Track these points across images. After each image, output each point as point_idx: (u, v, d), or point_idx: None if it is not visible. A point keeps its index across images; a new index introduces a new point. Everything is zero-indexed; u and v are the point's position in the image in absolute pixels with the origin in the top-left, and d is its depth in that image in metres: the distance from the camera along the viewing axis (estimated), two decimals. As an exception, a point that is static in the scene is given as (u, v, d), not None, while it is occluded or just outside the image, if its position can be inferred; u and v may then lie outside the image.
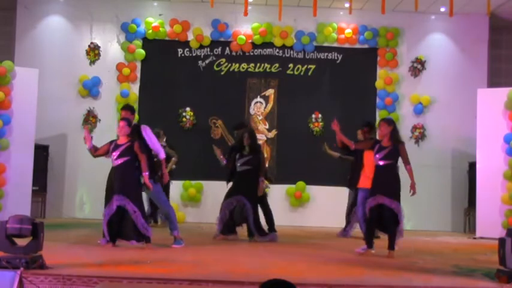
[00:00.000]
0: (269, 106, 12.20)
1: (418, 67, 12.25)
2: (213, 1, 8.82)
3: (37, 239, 5.28)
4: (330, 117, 11.35)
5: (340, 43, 12.25)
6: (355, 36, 12.19)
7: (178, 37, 12.09)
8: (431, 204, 11.72)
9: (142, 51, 11.97)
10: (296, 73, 12.23)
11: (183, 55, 12.15)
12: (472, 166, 11.10)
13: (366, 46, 12.28)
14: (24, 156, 10.04)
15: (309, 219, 11.80)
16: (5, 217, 5.54)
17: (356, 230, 9.41)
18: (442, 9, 11.76)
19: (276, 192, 11.53)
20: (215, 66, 12.15)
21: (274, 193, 11.33)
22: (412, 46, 12.30)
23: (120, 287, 4.82)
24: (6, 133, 9.85)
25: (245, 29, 12.14)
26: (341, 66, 12.27)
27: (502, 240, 5.41)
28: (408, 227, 10.84)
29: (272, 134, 12.12)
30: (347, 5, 11.03)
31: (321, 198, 11.82)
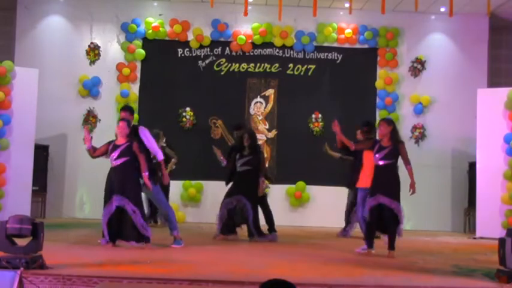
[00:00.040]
0: (269, 106, 12.20)
1: (418, 67, 12.25)
2: (213, 1, 8.82)
3: (37, 239, 5.28)
4: (330, 117, 11.38)
5: (340, 43, 12.25)
6: (355, 36, 12.19)
7: (178, 37, 12.09)
8: (431, 204, 11.72)
9: (142, 51, 11.97)
10: (296, 73, 12.23)
11: (183, 55, 12.15)
12: (472, 166, 11.10)
13: (366, 46, 12.28)
14: (24, 156, 10.04)
15: (309, 219, 11.80)
16: (5, 217, 5.54)
17: (356, 230, 9.41)
18: (442, 9, 11.76)
19: (276, 192, 11.55)
20: (215, 66, 12.15)
21: (274, 193, 11.34)
22: (412, 46, 12.29)
23: (120, 287, 4.82)
24: (6, 133, 9.86)
25: (245, 29, 12.14)
26: (341, 66, 12.27)
27: (502, 240, 5.41)
28: (408, 227, 10.86)
29: (272, 134, 12.12)
30: (347, 5, 11.03)
31: (321, 198, 11.82)
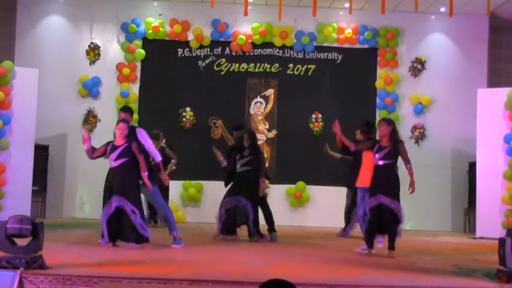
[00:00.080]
0: (269, 106, 12.20)
1: (418, 67, 12.25)
2: (213, 1, 8.82)
3: (37, 239, 5.27)
4: (330, 117, 11.41)
5: (340, 43, 12.25)
6: (355, 36, 12.19)
7: (178, 37, 12.09)
8: (431, 204, 11.73)
9: (142, 51, 11.97)
10: (296, 73, 12.23)
11: (183, 55, 12.15)
12: (472, 166, 11.10)
13: (366, 46, 12.28)
14: (24, 156, 10.04)
15: (309, 219, 11.80)
16: (5, 217, 5.54)
17: (356, 230, 9.42)
18: (442, 9, 11.76)
19: (276, 192, 11.55)
20: (215, 66, 12.15)
21: (274, 193, 11.34)
22: (412, 46, 12.30)
23: (120, 287, 4.81)
24: (6, 133, 9.85)
25: (245, 29, 12.14)
26: (341, 66, 12.27)
27: (502, 240, 5.41)
28: (408, 227, 10.86)
29: (272, 134, 12.12)
30: (347, 5, 11.03)
31: (321, 198, 11.82)
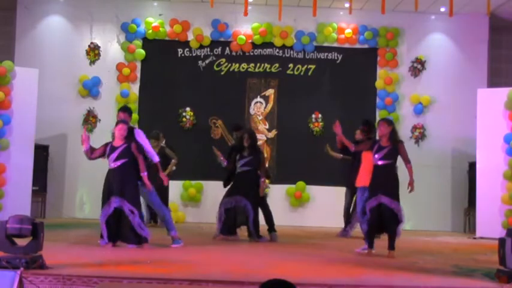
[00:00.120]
0: (269, 106, 12.20)
1: (418, 67, 12.25)
2: (213, 1, 8.82)
3: (37, 239, 5.27)
4: (330, 117, 11.43)
5: (340, 43, 12.25)
6: (355, 36, 12.20)
7: (178, 37, 12.09)
8: (431, 204, 11.73)
9: (142, 51, 11.97)
10: (296, 73, 12.23)
11: (183, 55, 12.15)
12: (472, 166, 11.10)
13: (366, 46, 12.28)
14: (24, 156, 10.04)
15: (309, 219, 11.80)
16: (5, 217, 5.54)
17: (356, 230, 9.42)
18: (442, 9, 11.76)
19: (276, 192, 11.55)
20: (215, 66, 12.15)
21: (274, 193, 11.34)
22: (412, 46, 12.30)
23: (120, 287, 4.81)
24: (6, 133, 9.85)
25: (245, 29, 12.14)
26: (341, 66, 12.27)
27: (502, 240, 5.40)
28: (408, 227, 10.86)
29: (272, 134, 12.12)
30: (347, 5, 11.03)
31: (321, 198, 11.81)
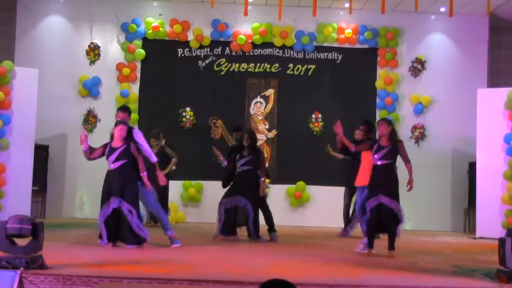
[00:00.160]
0: (269, 106, 12.20)
1: (418, 67, 12.25)
2: (213, 1, 8.82)
3: (37, 239, 5.27)
4: (330, 117, 11.44)
5: (340, 43, 12.26)
6: (355, 36, 12.20)
7: (178, 37, 12.09)
8: (431, 204, 11.73)
9: (142, 51, 11.98)
10: (296, 73, 12.23)
11: (183, 55, 12.15)
12: (472, 166, 11.09)
13: (366, 46, 12.28)
14: (24, 156, 10.03)
15: (309, 219, 11.80)
16: (5, 217, 5.53)
17: (356, 230, 9.42)
18: (442, 9, 11.76)
19: (276, 192, 11.56)
20: (215, 66, 12.15)
21: (274, 193, 11.35)
22: (412, 46, 12.30)
23: (120, 287, 4.81)
24: (6, 133, 9.85)
25: (245, 29, 12.14)
26: (341, 66, 12.28)
27: (502, 240, 5.40)
28: (408, 227, 10.87)
29: (272, 134, 12.12)
30: (347, 5, 11.03)
31: (321, 198, 11.81)
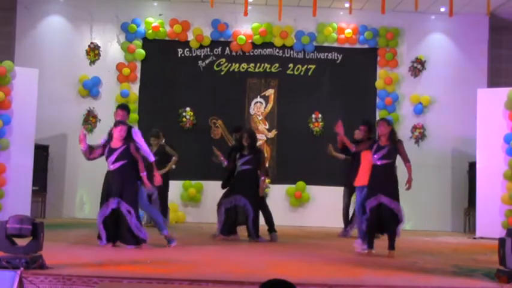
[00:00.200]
0: (269, 106, 12.19)
1: (418, 67, 12.25)
2: (213, 1, 8.82)
3: (37, 239, 5.27)
4: (330, 117, 11.44)
5: (340, 43, 12.25)
6: (355, 36, 12.19)
7: (178, 37, 12.09)
8: (431, 204, 11.73)
9: (142, 51, 11.97)
10: (296, 73, 12.23)
11: (183, 55, 12.15)
12: (472, 166, 11.09)
13: (366, 46, 12.28)
14: (24, 156, 10.04)
15: (309, 219, 11.80)
16: (5, 217, 5.54)
17: (356, 230, 9.40)
18: (442, 9, 11.76)
19: (276, 192, 11.56)
20: (215, 66, 12.15)
21: (274, 193, 11.35)
22: (412, 46, 12.29)
23: (120, 287, 4.81)
24: (6, 133, 9.85)
25: (245, 29, 12.14)
26: (341, 66, 12.27)
27: (502, 240, 5.40)
28: (408, 227, 10.87)
29: (272, 134, 12.12)
30: (347, 5, 11.03)
31: (321, 198, 11.81)
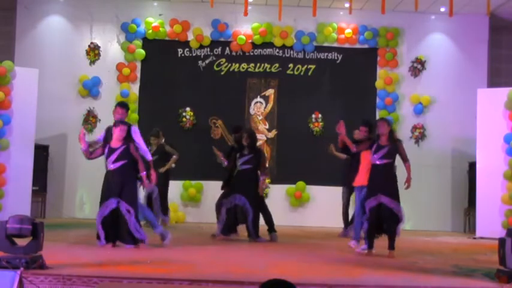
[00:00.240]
0: (269, 106, 12.19)
1: (418, 67, 12.25)
2: (213, 1, 8.82)
3: (37, 239, 5.27)
4: (330, 117, 11.45)
5: (340, 43, 12.25)
6: (355, 36, 12.19)
7: (178, 37, 12.09)
8: (431, 204, 11.73)
9: (142, 51, 11.97)
10: (296, 73, 12.23)
11: (183, 55, 12.15)
12: (472, 166, 11.09)
13: (366, 46, 12.28)
14: (24, 156, 10.04)
15: (309, 219, 11.79)
16: (5, 217, 5.54)
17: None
18: (442, 9, 11.76)
19: (276, 192, 11.56)
20: (215, 66, 12.15)
21: (274, 193, 11.35)
22: (412, 46, 12.29)
23: (120, 287, 4.82)
24: (6, 133, 9.85)
25: (245, 29, 12.14)
26: (341, 66, 12.27)
27: (502, 240, 5.41)
28: (408, 227, 10.87)
29: (272, 134, 12.12)
30: (347, 5, 11.03)
31: (321, 198, 11.80)
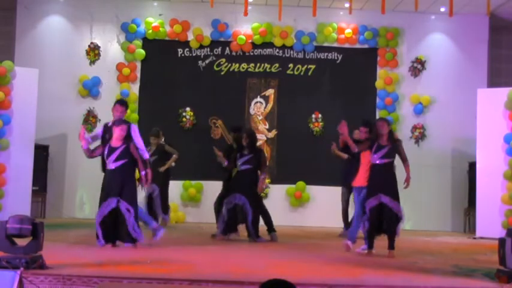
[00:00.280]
0: (269, 106, 12.19)
1: (418, 67, 12.25)
2: (213, 1, 8.83)
3: (37, 239, 5.27)
4: (330, 117, 11.45)
5: (340, 43, 12.25)
6: (355, 36, 12.19)
7: (178, 37, 12.09)
8: (431, 204, 11.73)
9: (142, 51, 11.98)
10: (296, 73, 12.23)
11: (183, 55, 12.15)
12: (472, 166, 11.09)
13: (366, 46, 12.28)
14: (24, 156, 10.05)
15: (309, 219, 11.79)
16: (5, 217, 5.54)
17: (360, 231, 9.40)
18: (442, 9, 11.76)
19: (276, 192, 11.56)
20: (215, 66, 12.15)
21: (274, 193, 11.35)
22: (412, 46, 12.29)
23: (120, 287, 4.81)
24: (6, 133, 9.86)
25: (245, 29, 12.14)
26: (341, 66, 12.27)
27: (502, 240, 5.40)
28: (408, 227, 10.88)
29: (272, 134, 12.12)
30: (347, 5, 11.03)
31: (321, 198, 11.80)
